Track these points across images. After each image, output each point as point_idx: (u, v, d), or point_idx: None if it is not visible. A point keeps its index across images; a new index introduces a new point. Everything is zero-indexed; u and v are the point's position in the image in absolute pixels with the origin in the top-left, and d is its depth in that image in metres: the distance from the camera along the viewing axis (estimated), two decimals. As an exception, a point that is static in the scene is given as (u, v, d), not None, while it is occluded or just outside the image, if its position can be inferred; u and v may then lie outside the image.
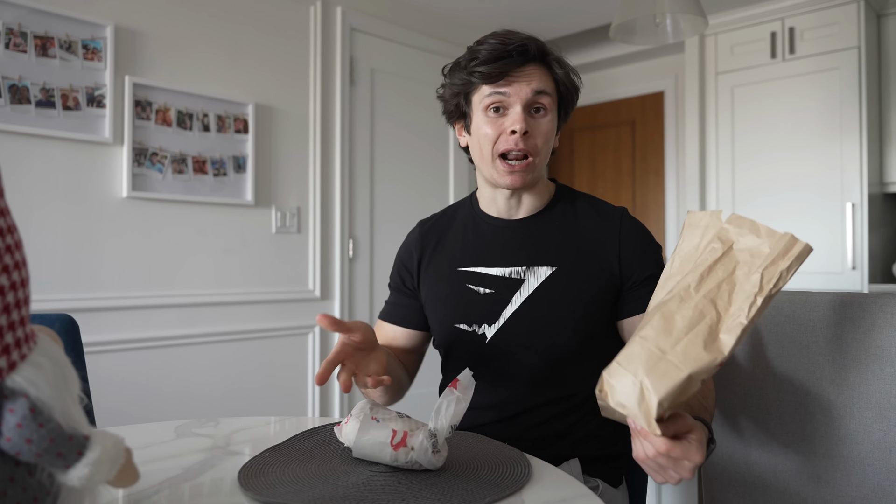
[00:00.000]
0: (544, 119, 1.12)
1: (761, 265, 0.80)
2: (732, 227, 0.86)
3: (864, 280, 3.13)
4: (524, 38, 1.11)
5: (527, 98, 1.10)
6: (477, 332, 1.14)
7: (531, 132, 1.11)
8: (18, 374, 0.50)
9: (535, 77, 1.11)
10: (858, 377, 1.05)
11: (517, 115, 1.10)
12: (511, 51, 1.09)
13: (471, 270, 1.17)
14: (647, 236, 1.17)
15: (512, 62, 1.10)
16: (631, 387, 0.76)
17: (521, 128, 1.09)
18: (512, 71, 1.10)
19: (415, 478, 0.79)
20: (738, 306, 0.79)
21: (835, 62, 3.23)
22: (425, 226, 1.30)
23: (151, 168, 2.50)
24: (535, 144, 1.11)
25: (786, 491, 1.13)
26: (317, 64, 3.03)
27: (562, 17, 3.73)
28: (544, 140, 1.12)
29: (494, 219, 1.20)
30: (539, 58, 1.12)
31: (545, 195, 1.21)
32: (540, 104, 1.12)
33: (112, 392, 2.38)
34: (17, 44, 2.19)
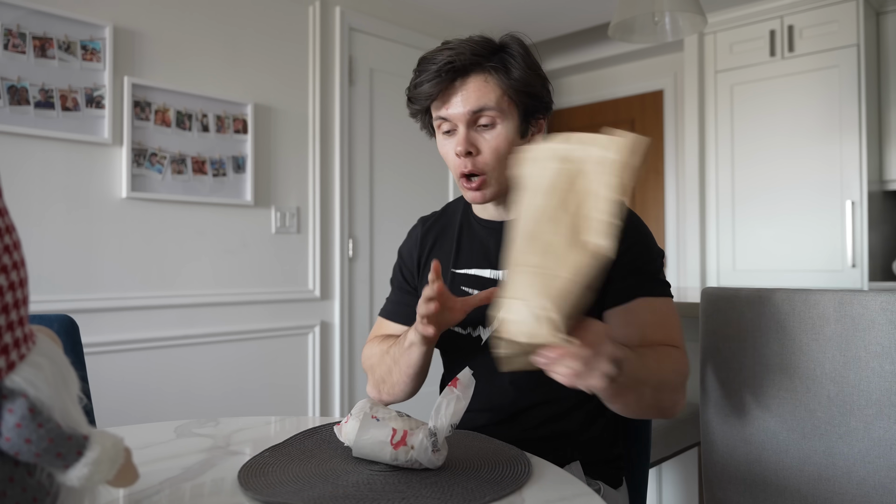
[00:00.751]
0: (491, 133, 1.07)
1: (613, 169, 0.79)
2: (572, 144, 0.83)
3: (864, 278, 3.13)
4: (450, 55, 1.05)
5: (466, 118, 1.06)
6: (472, 334, 1.14)
7: (477, 150, 1.07)
8: (17, 374, 0.49)
9: (472, 94, 1.06)
10: (859, 375, 1.05)
11: (461, 136, 1.07)
12: (439, 70, 1.05)
13: (465, 273, 1.17)
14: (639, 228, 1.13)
15: (441, 82, 1.06)
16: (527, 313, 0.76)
17: (462, 150, 1.06)
18: (446, 91, 1.07)
19: (415, 477, 0.79)
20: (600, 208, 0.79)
21: (834, 60, 3.23)
22: (426, 224, 1.29)
23: (151, 168, 2.50)
24: (485, 162, 1.07)
25: (786, 489, 1.13)
26: (316, 64, 3.03)
27: (561, 16, 3.72)
28: (494, 155, 1.07)
29: (486, 221, 1.19)
30: (474, 67, 1.06)
31: None
32: (484, 118, 1.07)
33: (112, 393, 2.38)
34: (16, 45, 2.19)
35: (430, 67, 1.06)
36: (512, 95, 1.07)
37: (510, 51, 1.08)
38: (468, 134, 1.07)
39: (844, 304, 1.07)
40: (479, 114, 1.06)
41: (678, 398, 1.04)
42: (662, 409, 1.02)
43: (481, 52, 1.06)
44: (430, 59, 1.08)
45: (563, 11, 3.65)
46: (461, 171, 1.09)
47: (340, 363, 3.08)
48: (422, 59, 1.10)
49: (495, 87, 1.06)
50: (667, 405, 1.02)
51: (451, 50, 1.06)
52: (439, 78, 1.05)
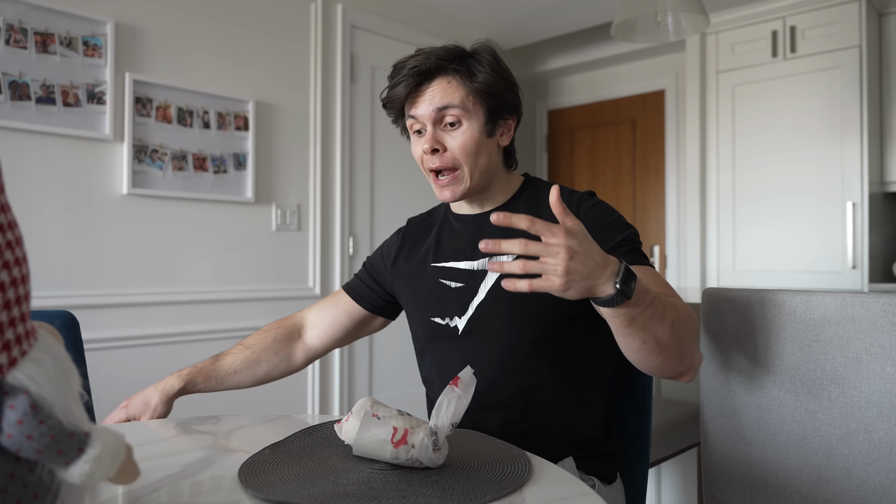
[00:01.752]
0: (457, 131, 1.13)
1: None
2: None
3: (865, 279, 3.13)
4: (418, 60, 1.12)
5: (432, 117, 1.13)
6: (450, 324, 1.18)
7: (444, 147, 1.13)
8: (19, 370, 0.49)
9: (437, 93, 1.12)
10: (859, 376, 1.05)
11: (428, 135, 1.14)
12: (406, 74, 1.12)
13: (442, 266, 1.21)
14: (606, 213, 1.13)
15: (408, 84, 1.13)
16: None
17: (429, 147, 1.13)
18: (412, 94, 1.14)
19: (415, 475, 0.79)
20: None
21: (836, 61, 3.23)
22: (411, 223, 1.36)
23: (152, 165, 2.50)
24: (453, 157, 1.13)
25: (786, 490, 1.13)
26: (317, 61, 3.03)
27: (562, 15, 3.72)
28: (462, 151, 1.13)
29: (462, 216, 1.25)
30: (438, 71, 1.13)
31: (507, 191, 1.22)
32: (450, 116, 1.13)
33: (112, 389, 2.38)
34: (18, 40, 2.19)
35: (400, 73, 1.14)
36: (475, 96, 1.13)
37: (478, 57, 1.15)
38: (434, 132, 1.14)
39: (846, 306, 1.07)
40: (444, 111, 1.12)
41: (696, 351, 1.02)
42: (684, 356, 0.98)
43: (447, 57, 1.13)
44: (399, 66, 1.15)
45: (564, 10, 3.65)
46: (429, 168, 1.15)
47: (340, 361, 3.08)
48: (394, 65, 1.17)
49: (458, 87, 1.13)
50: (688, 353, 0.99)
51: (419, 56, 1.13)
52: (406, 80, 1.13)
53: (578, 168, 4.71)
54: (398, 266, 1.29)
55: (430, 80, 1.13)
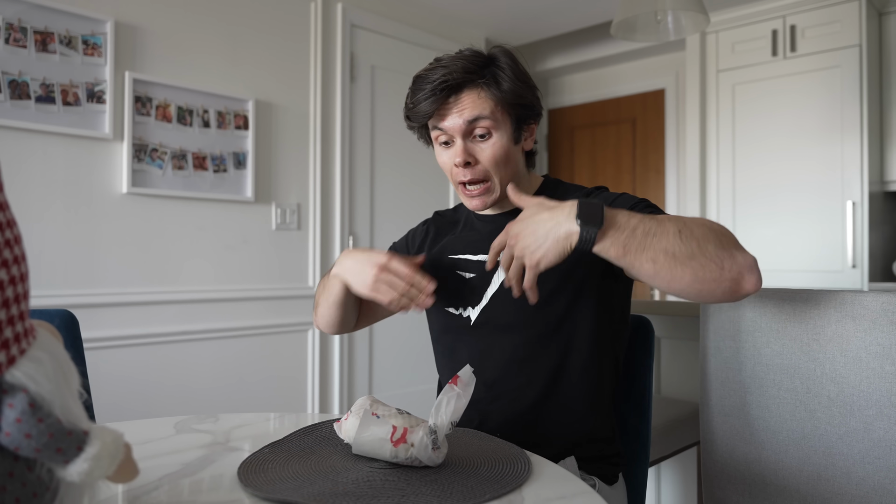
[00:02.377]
0: (488, 143, 1.13)
1: None
2: None
3: (865, 278, 3.13)
4: (444, 74, 1.10)
5: (462, 129, 1.12)
6: (463, 314, 1.20)
7: (476, 159, 1.13)
8: (18, 368, 0.49)
9: (467, 106, 1.11)
10: (859, 375, 1.05)
11: (458, 148, 1.13)
12: (434, 89, 1.11)
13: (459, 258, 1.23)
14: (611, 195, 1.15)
15: (437, 99, 1.11)
16: None
17: (461, 161, 1.12)
18: (441, 107, 1.12)
19: (414, 474, 0.79)
20: None
21: (836, 60, 3.23)
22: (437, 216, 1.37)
23: (151, 164, 2.50)
24: (484, 170, 1.14)
25: (786, 489, 1.13)
26: (317, 60, 3.03)
27: (562, 14, 3.72)
28: (493, 162, 1.13)
29: (484, 216, 1.26)
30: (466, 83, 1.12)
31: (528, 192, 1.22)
32: (480, 128, 1.12)
33: (112, 388, 2.38)
34: (17, 39, 2.19)
35: (426, 87, 1.12)
36: (504, 107, 1.13)
37: (499, 63, 1.13)
38: (465, 145, 1.13)
39: (845, 305, 1.07)
40: (475, 124, 1.11)
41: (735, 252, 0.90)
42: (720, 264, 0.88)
43: (472, 69, 1.12)
44: (424, 79, 1.13)
45: (564, 9, 3.64)
46: (460, 181, 1.15)
47: (340, 360, 3.08)
48: (416, 77, 1.15)
49: (487, 99, 1.12)
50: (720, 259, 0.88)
51: (444, 68, 1.11)
52: (435, 96, 1.11)
53: (578, 167, 4.71)
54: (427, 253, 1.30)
55: (458, 93, 1.12)
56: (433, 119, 1.15)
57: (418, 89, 1.14)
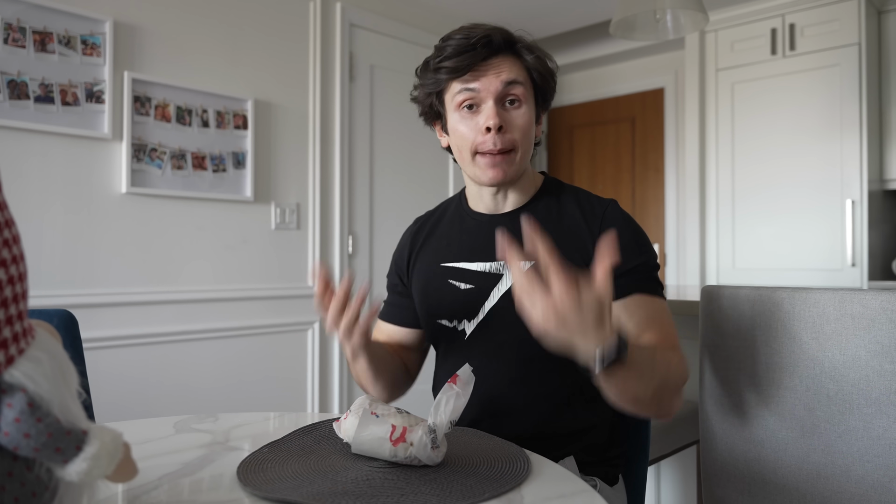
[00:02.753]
0: (519, 111, 1.08)
1: None
2: None
3: (864, 277, 3.13)
4: (488, 30, 1.07)
5: (497, 91, 1.07)
6: (457, 328, 1.14)
7: (506, 126, 1.07)
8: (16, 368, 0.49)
9: (504, 68, 1.07)
10: (858, 373, 1.05)
11: (490, 110, 1.06)
12: (475, 43, 1.06)
13: (453, 266, 1.16)
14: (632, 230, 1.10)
15: (477, 54, 1.06)
16: None
17: (496, 123, 1.05)
18: (478, 64, 1.07)
19: (414, 473, 0.79)
20: None
21: (835, 59, 3.23)
22: (418, 223, 1.30)
23: (150, 164, 2.50)
24: (513, 139, 1.08)
25: (785, 487, 1.13)
26: (316, 60, 3.03)
27: (562, 13, 3.72)
28: (522, 133, 1.08)
29: (480, 214, 1.19)
30: (506, 47, 1.08)
31: (531, 189, 1.17)
32: (513, 95, 1.08)
33: (111, 388, 2.38)
34: (16, 39, 2.19)
35: (462, 41, 1.06)
36: (535, 80, 1.10)
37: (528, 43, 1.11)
38: (499, 109, 1.07)
39: (845, 303, 1.07)
40: (510, 88, 1.07)
41: (677, 401, 1.02)
42: (662, 408, 0.99)
43: (511, 36, 1.09)
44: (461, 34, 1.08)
45: (564, 8, 3.64)
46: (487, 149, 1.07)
47: (340, 360, 3.08)
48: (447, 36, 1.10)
49: (522, 69, 1.09)
50: (666, 406, 0.99)
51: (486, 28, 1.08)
52: (474, 50, 1.06)
53: (578, 166, 4.71)
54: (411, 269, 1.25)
55: (497, 54, 1.08)
56: (464, 79, 1.08)
57: (451, 45, 1.08)
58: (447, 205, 1.29)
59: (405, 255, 1.27)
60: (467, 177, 1.18)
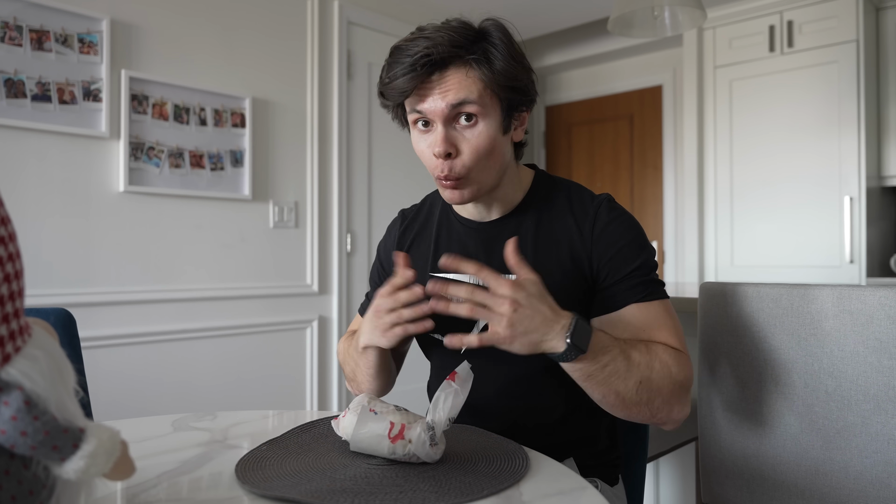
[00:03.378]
0: (473, 131, 0.98)
1: None
2: None
3: (862, 274, 3.14)
4: (426, 46, 0.95)
5: (444, 114, 0.96)
6: None
7: (457, 150, 0.98)
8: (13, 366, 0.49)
9: (451, 86, 0.96)
10: (856, 370, 1.05)
11: (439, 135, 0.97)
12: (414, 63, 0.95)
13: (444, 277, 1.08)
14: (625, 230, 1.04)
15: (417, 76, 0.95)
16: None
17: (441, 151, 0.97)
18: (422, 85, 0.97)
19: (412, 471, 0.79)
20: None
21: (833, 56, 3.23)
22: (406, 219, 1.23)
23: (148, 162, 2.49)
24: (464, 164, 0.98)
25: (784, 483, 1.14)
26: (314, 58, 3.02)
27: (560, 11, 3.71)
28: (475, 154, 0.98)
29: (468, 220, 1.12)
30: (454, 60, 0.96)
31: (518, 192, 1.10)
32: (464, 115, 0.97)
33: (109, 387, 2.38)
34: (13, 37, 2.18)
35: (405, 60, 0.96)
36: (495, 89, 0.98)
37: (491, 39, 0.99)
38: (447, 133, 0.98)
39: (843, 300, 1.07)
40: (459, 108, 0.97)
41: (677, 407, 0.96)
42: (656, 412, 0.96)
43: (461, 43, 0.97)
44: (403, 50, 0.97)
45: (561, 6, 3.64)
46: (437, 175, 1.01)
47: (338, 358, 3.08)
48: (394, 48, 0.99)
49: (476, 80, 0.97)
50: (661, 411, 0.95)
51: (428, 40, 0.96)
52: (414, 72, 0.95)
53: (576, 164, 4.71)
54: None
55: (442, 70, 0.96)
56: (411, 99, 0.99)
57: (395, 62, 0.97)
58: (433, 200, 1.22)
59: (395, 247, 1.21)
60: None
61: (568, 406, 1.07)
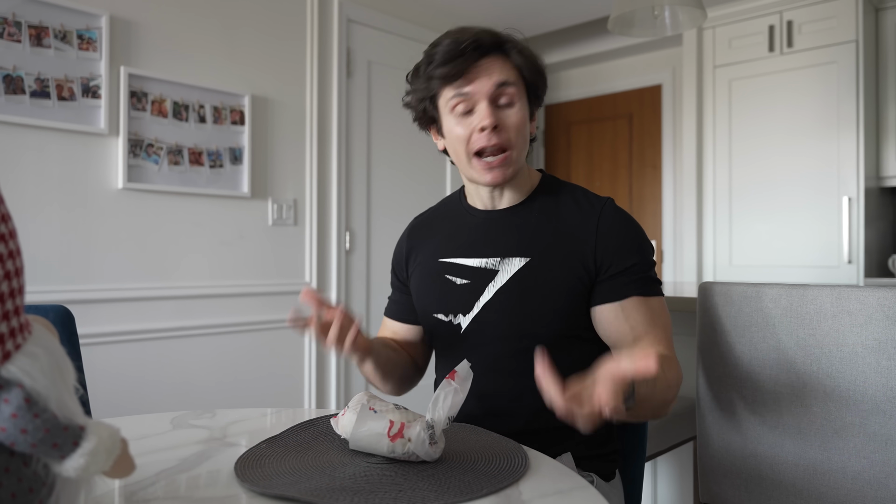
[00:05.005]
0: (513, 110, 1.11)
1: None
2: None
3: (860, 274, 3.14)
4: (477, 33, 1.10)
5: (490, 92, 1.09)
6: (453, 321, 1.16)
7: (501, 125, 1.10)
8: (13, 364, 0.49)
9: (496, 69, 1.10)
10: (855, 370, 1.06)
11: (484, 111, 1.09)
12: (465, 48, 1.08)
13: (450, 261, 1.19)
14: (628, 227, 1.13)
15: (467, 59, 1.09)
16: None
17: (490, 122, 1.08)
18: (470, 68, 1.10)
19: (412, 469, 0.79)
20: None
21: (832, 56, 3.23)
22: (418, 220, 1.33)
23: (147, 159, 2.49)
24: (508, 137, 1.10)
25: (782, 483, 1.14)
26: (313, 55, 3.02)
27: (560, 9, 3.71)
28: (517, 131, 1.11)
29: (478, 210, 1.21)
30: (496, 48, 1.11)
31: (527, 186, 1.19)
32: (506, 95, 1.10)
33: (108, 384, 2.38)
34: (12, 34, 2.18)
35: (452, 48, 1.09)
36: (526, 77, 1.13)
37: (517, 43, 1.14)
38: (492, 108, 1.09)
39: (842, 300, 1.07)
40: (502, 89, 1.10)
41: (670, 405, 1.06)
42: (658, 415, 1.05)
43: (499, 37, 1.12)
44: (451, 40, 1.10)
45: (561, 5, 3.64)
46: (482, 145, 1.10)
47: (337, 356, 3.08)
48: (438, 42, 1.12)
49: (513, 67, 1.12)
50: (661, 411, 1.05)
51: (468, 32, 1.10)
52: (463, 55, 1.08)
53: (575, 163, 4.71)
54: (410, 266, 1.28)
55: (486, 55, 1.10)
56: (456, 84, 1.11)
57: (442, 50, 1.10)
58: (448, 200, 1.32)
59: (403, 252, 1.30)
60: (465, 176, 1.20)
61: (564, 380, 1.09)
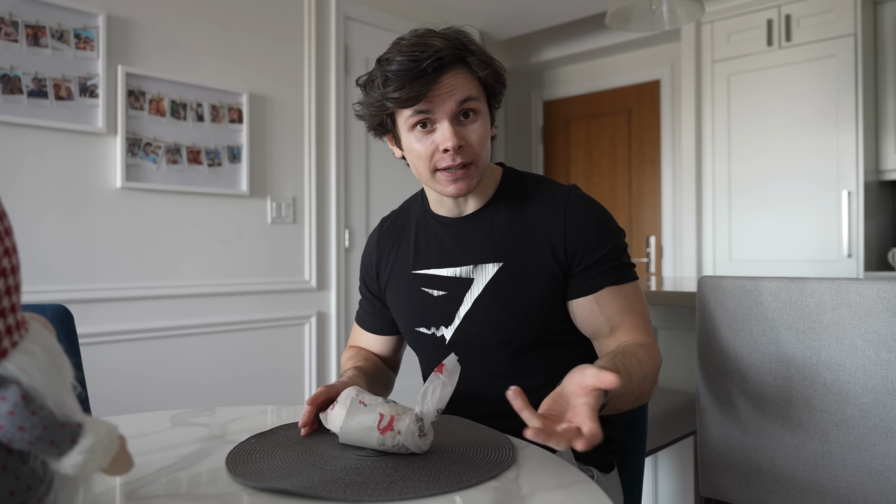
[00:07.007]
0: (476, 124, 1.06)
1: None
2: None
3: (860, 268, 3.14)
4: (436, 48, 1.01)
5: (452, 111, 1.03)
6: (436, 334, 1.14)
7: (465, 143, 1.05)
8: (10, 361, 0.49)
9: (458, 85, 1.03)
10: (855, 362, 1.06)
11: (447, 131, 1.03)
12: (425, 68, 1.00)
13: (424, 273, 1.16)
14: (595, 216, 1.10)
15: (428, 79, 1.01)
16: None
17: (454, 144, 1.03)
18: (431, 88, 1.02)
19: (402, 461, 0.80)
20: None
21: (831, 50, 3.22)
22: (383, 227, 1.29)
23: (145, 158, 2.49)
24: (472, 152, 1.05)
25: (782, 476, 1.14)
26: (311, 53, 3.02)
27: (557, 5, 3.71)
28: (480, 144, 1.06)
29: (443, 217, 1.17)
30: (458, 61, 1.04)
31: (491, 186, 1.16)
32: (468, 110, 1.05)
33: (108, 383, 2.38)
34: (9, 33, 2.17)
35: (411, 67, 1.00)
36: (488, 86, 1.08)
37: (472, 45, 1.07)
38: (455, 128, 1.04)
39: (841, 293, 1.07)
40: (465, 104, 1.04)
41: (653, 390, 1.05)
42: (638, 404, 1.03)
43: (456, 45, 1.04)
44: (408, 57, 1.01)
45: (559, 0, 3.63)
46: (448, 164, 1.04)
47: (336, 353, 3.08)
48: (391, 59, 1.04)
49: (473, 79, 1.06)
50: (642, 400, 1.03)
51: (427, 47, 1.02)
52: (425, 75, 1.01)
53: (574, 159, 4.71)
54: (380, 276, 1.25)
55: (446, 72, 1.03)
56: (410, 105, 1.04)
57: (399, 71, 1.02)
58: (410, 205, 1.28)
59: (373, 261, 1.26)
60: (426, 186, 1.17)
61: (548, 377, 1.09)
